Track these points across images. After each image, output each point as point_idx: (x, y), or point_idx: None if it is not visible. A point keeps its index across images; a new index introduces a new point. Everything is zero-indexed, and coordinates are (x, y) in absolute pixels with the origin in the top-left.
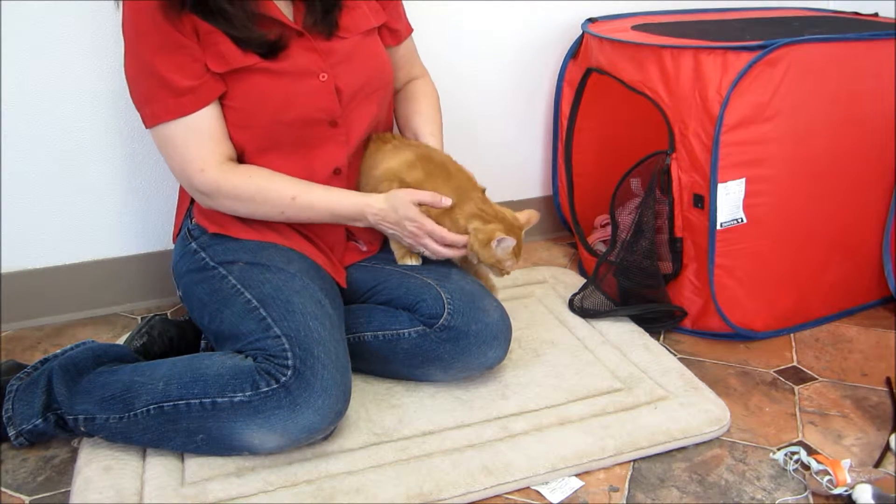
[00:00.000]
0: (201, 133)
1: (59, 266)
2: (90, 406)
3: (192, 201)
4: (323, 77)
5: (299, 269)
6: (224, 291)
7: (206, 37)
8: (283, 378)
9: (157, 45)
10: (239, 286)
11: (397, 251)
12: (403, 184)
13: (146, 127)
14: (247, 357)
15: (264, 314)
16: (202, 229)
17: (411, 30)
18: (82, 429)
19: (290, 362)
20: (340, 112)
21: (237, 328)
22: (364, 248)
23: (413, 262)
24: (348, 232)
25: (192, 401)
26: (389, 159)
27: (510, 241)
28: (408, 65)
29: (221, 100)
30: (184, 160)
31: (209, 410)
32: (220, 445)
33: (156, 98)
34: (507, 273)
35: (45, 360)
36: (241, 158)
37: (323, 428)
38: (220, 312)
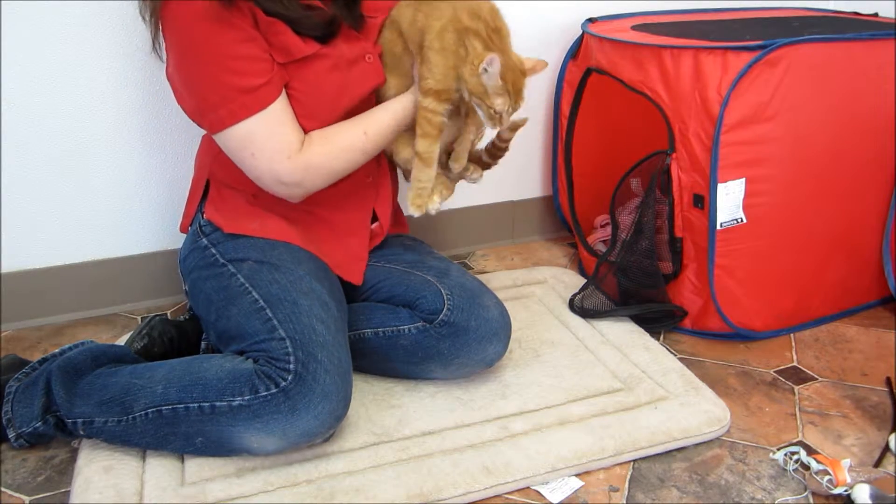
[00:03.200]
0: (283, 119)
1: (59, 266)
2: (89, 409)
3: (205, 194)
4: (369, 59)
5: (308, 271)
6: (232, 289)
7: (268, 27)
8: (283, 383)
9: (229, 41)
10: (247, 285)
11: (411, 191)
12: None
13: (217, 130)
14: (247, 359)
15: (270, 315)
16: (213, 225)
17: None
18: (81, 432)
19: (291, 366)
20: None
21: (242, 328)
22: (373, 226)
23: (433, 205)
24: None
25: (191, 404)
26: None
27: (497, 64)
28: None
29: (286, 90)
30: (271, 151)
31: (207, 414)
32: (218, 448)
33: (230, 97)
34: (500, 123)
35: (44, 360)
36: None
37: (322, 432)
38: (226, 310)
